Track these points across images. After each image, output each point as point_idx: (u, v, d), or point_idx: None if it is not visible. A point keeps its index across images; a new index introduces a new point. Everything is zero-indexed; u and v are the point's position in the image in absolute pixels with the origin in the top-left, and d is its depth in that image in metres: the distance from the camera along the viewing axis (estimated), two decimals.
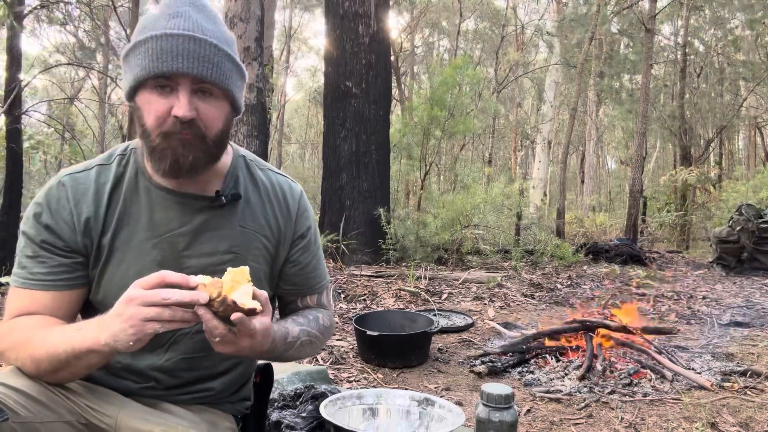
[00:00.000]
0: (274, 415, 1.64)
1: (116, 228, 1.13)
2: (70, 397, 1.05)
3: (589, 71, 14.81)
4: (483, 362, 3.04)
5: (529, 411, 2.43)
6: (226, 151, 1.20)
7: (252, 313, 0.94)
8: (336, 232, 6.60)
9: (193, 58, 1.00)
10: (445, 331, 3.81)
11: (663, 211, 13.41)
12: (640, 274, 6.69)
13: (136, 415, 1.08)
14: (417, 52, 20.87)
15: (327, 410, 1.30)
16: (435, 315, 3.94)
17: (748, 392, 2.63)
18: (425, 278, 5.55)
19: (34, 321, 1.06)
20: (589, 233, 11.86)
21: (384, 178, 7.29)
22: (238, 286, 0.95)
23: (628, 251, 8.33)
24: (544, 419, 2.34)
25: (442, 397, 2.50)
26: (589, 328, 3.17)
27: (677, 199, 13.68)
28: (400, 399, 1.41)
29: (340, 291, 4.89)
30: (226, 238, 1.17)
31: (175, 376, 1.18)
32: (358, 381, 2.83)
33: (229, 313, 0.92)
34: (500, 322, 4.01)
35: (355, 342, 3.32)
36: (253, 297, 0.96)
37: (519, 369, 2.99)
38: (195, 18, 1.03)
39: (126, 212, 1.14)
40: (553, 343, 3.23)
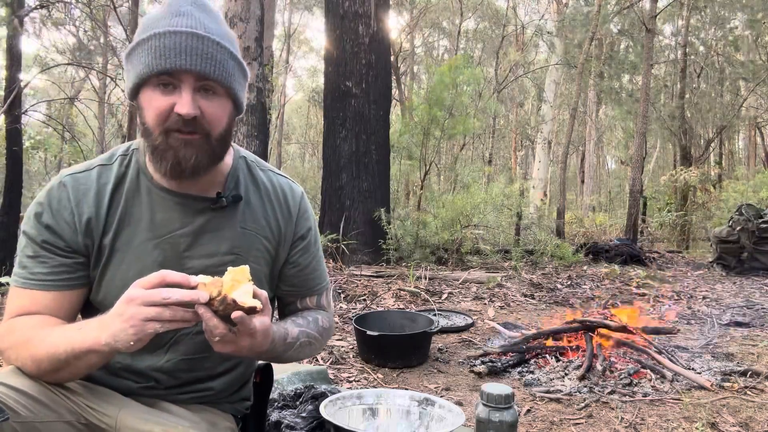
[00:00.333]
0: (274, 415, 1.64)
1: (117, 228, 1.13)
2: (70, 397, 1.05)
3: (590, 71, 14.80)
4: (483, 362, 3.03)
5: (529, 411, 2.43)
6: (228, 152, 1.20)
7: (252, 311, 0.94)
8: (336, 232, 6.60)
9: (196, 55, 1.00)
10: (445, 331, 3.81)
11: (663, 211, 13.40)
12: (640, 274, 6.68)
13: (136, 415, 1.08)
14: (417, 52, 20.86)
15: (327, 410, 1.30)
16: (435, 315, 3.94)
17: (748, 392, 2.63)
18: (425, 278, 5.55)
19: (35, 321, 1.06)
20: (589, 233, 11.85)
21: (384, 178, 7.29)
22: (238, 285, 0.95)
23: (628, 251, 8.32)
24: (544, 419, 2.34)
25: (442, 397, 2.50)
26: (589, 328, 3.17)
27: (677, 199, 13.68)
28: (400, 399, 1.41)
29: (340, 291, 4.89)
30: (227, 239, 1.17)
31: (175, 376, 1.18)
32: (358, 381, 2.83)
33: (230, 312, 0.92)
34: (500, 322, 4.01)
35: (355, 342, 3.32)
36: (254, 296, 0.96)
37: (519, 369, 2.99)
38: (198, 16, 1.04)
39: (127, 213, 1.14)
40: (553, 343, 3.23)
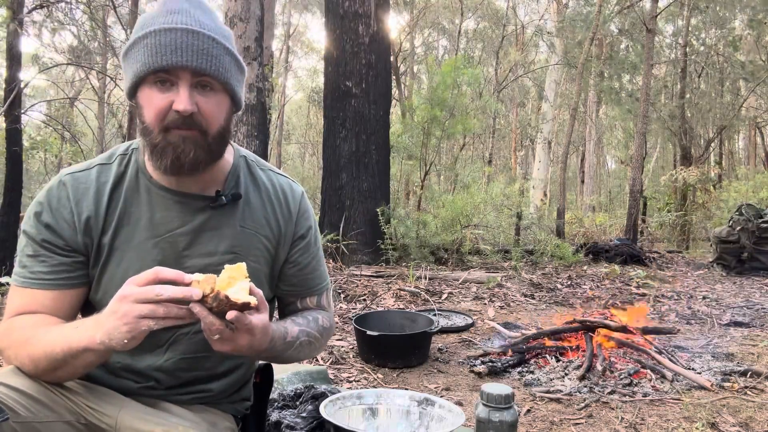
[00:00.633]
0: (274, 415, 1.64)
1: (117, 227, 1.13)
2: (70, 397, 1.05)
3: (590, 71, 14.81)
4: (483, 362, 3.03)
5: (529, 411, 2.43)
6: (228, 151, 1.20)
7: (246, 307, 0.93)
8: (336, 232, 6.60)
9: (192, 52, 1.01)
10: (445, 331, 3.81)
11: (663, 211, 13.40)
12: (640, 274, 6.68)
13: (136, 415, 1.08)
14: (417, 52, 20.86)
15: (327, 410, 1.30)
16: (435, 315, 3.94)
17: (748, 392, 2.63)
18: (425, 278, 5.55)
19: (34, 320, 1.06)
20: (589, 233, 11.84)
21: (384, 178, 7.29)
22: (234, 282, 0.94)
23: (628, 251, 8.32)
24: (544, 419, 2.34)
25: (442, 397, 2.50)
26: (589, 328, 3.17)
27: (677, 199, 13.67)
28: (400, 399, 1.41)
29: (340, 291, 4.89)
30: (227, 238, 1.17)
31: (175, 376, 1.18)
32: (358, 381, 2.83)
33: (223, 308, 0.91)
34: (500, 322, 4.01)
35: (355, 342, 3.32)
36: (250, 293, 0.95)
37: (519, 369, 2.99)
38: (193, 13, 1.04)
39: (126, 212, 1.14)
40: (553, 343, 3.23)
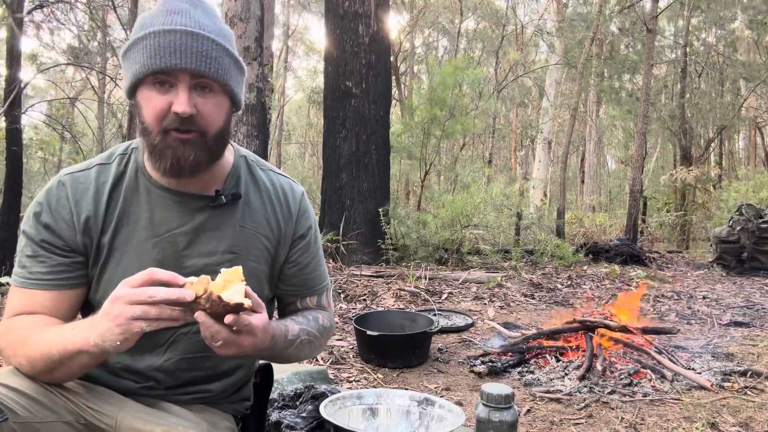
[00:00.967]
0: (274, 415, 1.64)
1: (116, 227, 1.13)
2: (70, 397, 1.05)
3: (590, 71, 14.80)
4: (483, 362, 3.03)
5: (529, 411, 2.43)
6: (228, 151, 1.20)
7: (240, 308, 0.93)
8: (336, 232, 6.60)
9: (192, 54, 1.01)
10: (445, 331, 3.81)
11: (663, 211, 13.39)
12: (640, 274, 6.68)
13: (136, 415, 1.08)
14: (417, 52, 20.86)
15: (327, 410, 1.30)
16: (435, 315, 3.94)
17: (748, 392, 2.63)
18: (425, 278, 5.55)
19: (32, 320, 1.06)
20: (589, 233, 11.83)
21: (384, 178, 7.29)
22: (230, 285, 0.94)
23: (628, 251, 8.32)
24: (544, 419, 2.34)
25: (442, 397, 2.50)
26: (589, 328, 3.17)
27: (677, 199, 13.67)
28: (399, 399, 1.41)
29: (340, 291, 4.89)
30: (226, 238, 1.17)
31: (175, 376, 1.18)
32: (358, 381, 2.83)
33: (216, 309, 0.91)
34: (500, 322, 4.01)
35: (355, 342, 3.32)
36: (245, 296, 0.95)
37: (519, 369, 2.99)
38: (193, 14, 1.04)
39: (126, 211, 1.14)
40: (553, 343, 3.23)
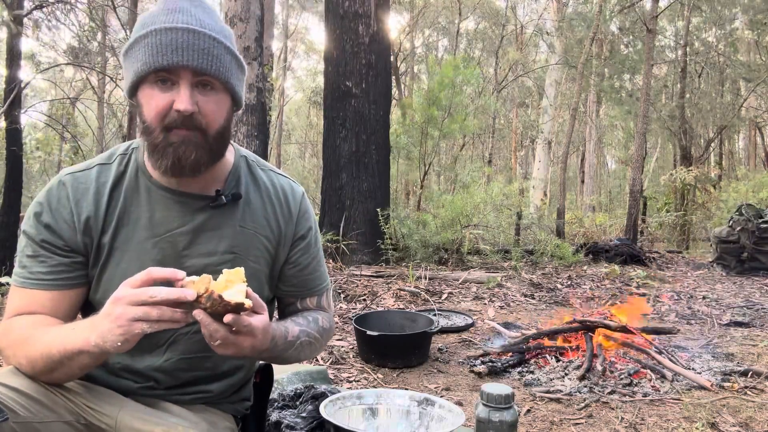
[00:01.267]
0: (274, 415, 1.64)
1: (116, 227, 1.13)
2: (70, 397, 1.05)
3: (590, 71, 14.79)
4: (483, 362, 3.03)
5: (529, 411, 2.43)
6: (229, 151, 1.20)
7: (240, 308, 0.93)
8: (336, 232, 6.60)
9: (193, 51, 1.01)
10: (445, 331, 3.81)
11: (662, 211, 13.39)
12: (640, 274, 6.68)
13: (136, 415, 1.08)
14: (417, 52, 20.86)
15: (327, 410, 1.30)
16: (435, 315, 3.94)
17: (748, 392, 2.63)
18: (425, 278, 5.55)
19: (32, 320, 1.06)
20: (589, 233, 11.83)
21: (384, 178, 7.29)
22: (231, 286, 0.94)
23: (628, 251, 8.31)
24: (544, 419, 2.34)
25: (442, 397, 2.50)
26: (589, 328, 3.17)
27: (677, 199, 13.67)
28: (399, 399, 1.41)
29: (340, 291, 4.89)
30: (226, 238, 1.17)
31: (175, 376, 1.18)
32: (358, 381, 2.83)
33: (217, 308, 0.91)
34: (500, 322, 4.01)
35: (355, 342, 3.32)
36: (246, 297, 0.94)
37: (519, 369, 2.99)
38: (194, 12, 1.04)
39: (126, 211, 1.14)
40: (553, 343, 3.23)
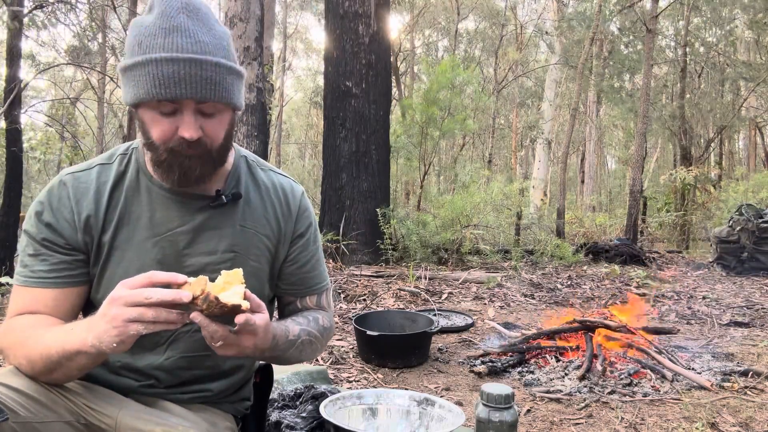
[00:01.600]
0: (274, 415, 1.64)
1: (117, 226, 1.13)
2: (70, 397, 1.05)
3: (590, 70, 14.79)
4: (483, 362, 3.03)
5: (529, 411, 2.43)
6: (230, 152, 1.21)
7: (237, 310, 0.93)
8: (336, 232, 6.60)
9: (197, 82, 0.99)
10: (445, 331, 3.81)
11: (662, 212, 13.39)
12: (640, 274, 6.68)
13: (136, 415, 1.08)
14: (417, 52, 20.86)
15: (327, 410, 1.30)
16: (435, 315, 3.94)
17: (748, 392, 2.63)
18: (425, 278, 5.55)
19: (33, 320, 1.06)
20: (589, 233, 11.84)
21: (384, 178, 7.29)
22: (229, 287, 0.94)
23: (628, 251, 8.31)
24: (544, 419, 2.34)
25: (442, 397, 2.50)
26: (589, 328, 3.17)
27: (676, 199, 13.67)
28: (399, 399, 1.41)
29: (340, 291, 4.89)
30: (226, 237, 1.17)
31: (175, 374, 1.18)
32: (358, 381, 2.83)
33: (213, 310, 0.91)
34: (500, 322, 4.01)
35: (355, 342, 3.32)
36: (245, 298, 0.94)
37: (519, 369, 2.99)
38: (192, 31, 1.00)
39: (127, 211, 1.14)
40: (553, 343, 3.23)
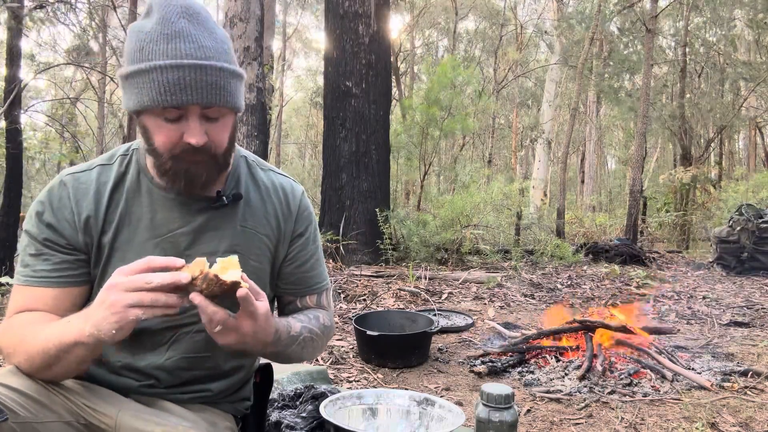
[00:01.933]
0: (274, 415, 1.64)
1: (117, 227, 1.13)
2: (70, 397, 1.05)
3: (590, 70, 14.79)
4: (483, 362, 3.03)
5: (529, 411, 2.43)
6: None
7: (236, 287, 0.94)
8: (336, 232, 6.60)
9: (202, 88, 0.99)
10: (445, 331, 3.81)
11: (662, 211, 13.39)
12: (640, 274, 6.68)
13: (136, 415, 1.08)
14: (417, 52, 20.87)
15: (327, 410, 1.30)
16: (435, 315, 3.94)
17: (748, 392, 2.63)
18: (425, 278, 5.55)
19: (32, 317, 1.06)
20: (589, 233, 11.84)
21: (384, 178, 7.29)
22: (226, 272, 0.95)
23: (628, 251, 8.32)
24: (544, 419, 2.34)
25: (442, 397, 2.50)
26: (589, 328, 3.17)
27: (676, 199, 13.68)
28: (399, 399, 1.41)
29: (340, 291, 4.89)
30: (227, 238, 1.18)
31: (175, 374, 1.18)
32: (358, 381, 2.83)
33: (213, 289, 0.92)
34: (500, 322, 4.01)
35: (355, 342, 3.32)
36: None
37: (519, 369, 2.99)
38: (195, 36, 0.99)
39: (128, 212, 1.14)
40: (553, 343, 3.23)
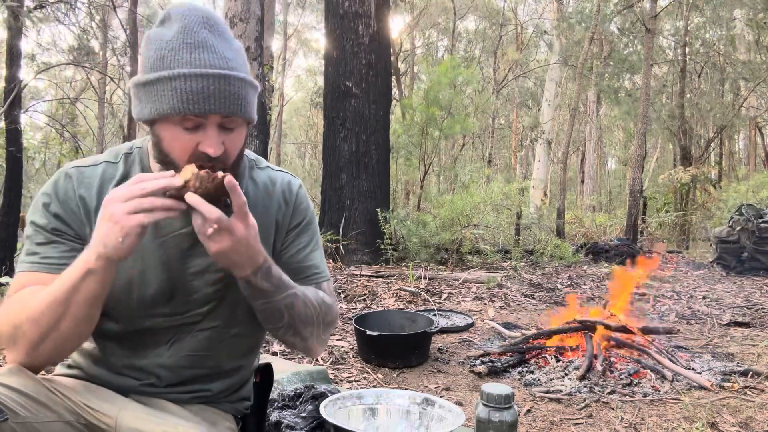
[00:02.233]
0: (274, 415, 1.64)
1: None
2: (70, 397, 1.05)
3: (590, 70, 14.78)
4: (483, 362, 3.03)
5: (529, 411, 2.43)
6: None
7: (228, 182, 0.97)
8: (336, 232, 6.60)
9: (224, 98, 1.00)
10: (445, 331, 3.81)
11: (662, 211, 13.40)
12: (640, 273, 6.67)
13: (136, 415, 1.08)
14: (417, 52, 20.87)
15: (327, 410, 1.30)
16: (435, 315, 3.94)
17: (748, 392, 2.63)
18: (425, 278, 5.55)
19: (31, 288, 1.05)
20: (589, 233, 11.84)
21: (384, 178, 7.29)
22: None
23: (628, 251, 8.32)
24: (544, 419, 2.34)
25: (442, 397, 2.50)
26: (589, 328, 3.17)
27: (675, 199, 13.68)
28: (399, 399, 1.41)
29: (340, 291, 4.89)
30: None
31: (176, 373, 1.18)
32: (358, 381, 2.83)
33: (206, 185, 0.95)
34: (500, 322, 4.01)
35: (355, 342, 3.32)
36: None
37: (519, 369, 2.99)
38: (217, 47, 1.01)
39: None
40: (553, 343, 3.23)
